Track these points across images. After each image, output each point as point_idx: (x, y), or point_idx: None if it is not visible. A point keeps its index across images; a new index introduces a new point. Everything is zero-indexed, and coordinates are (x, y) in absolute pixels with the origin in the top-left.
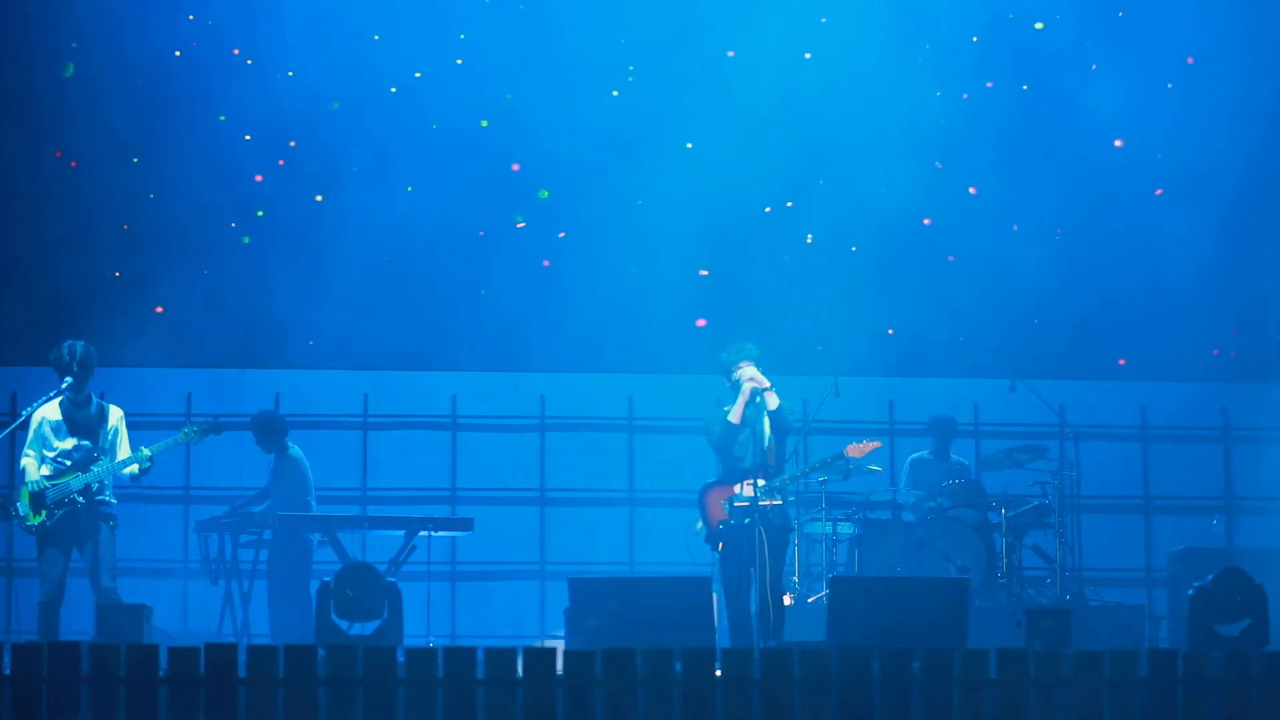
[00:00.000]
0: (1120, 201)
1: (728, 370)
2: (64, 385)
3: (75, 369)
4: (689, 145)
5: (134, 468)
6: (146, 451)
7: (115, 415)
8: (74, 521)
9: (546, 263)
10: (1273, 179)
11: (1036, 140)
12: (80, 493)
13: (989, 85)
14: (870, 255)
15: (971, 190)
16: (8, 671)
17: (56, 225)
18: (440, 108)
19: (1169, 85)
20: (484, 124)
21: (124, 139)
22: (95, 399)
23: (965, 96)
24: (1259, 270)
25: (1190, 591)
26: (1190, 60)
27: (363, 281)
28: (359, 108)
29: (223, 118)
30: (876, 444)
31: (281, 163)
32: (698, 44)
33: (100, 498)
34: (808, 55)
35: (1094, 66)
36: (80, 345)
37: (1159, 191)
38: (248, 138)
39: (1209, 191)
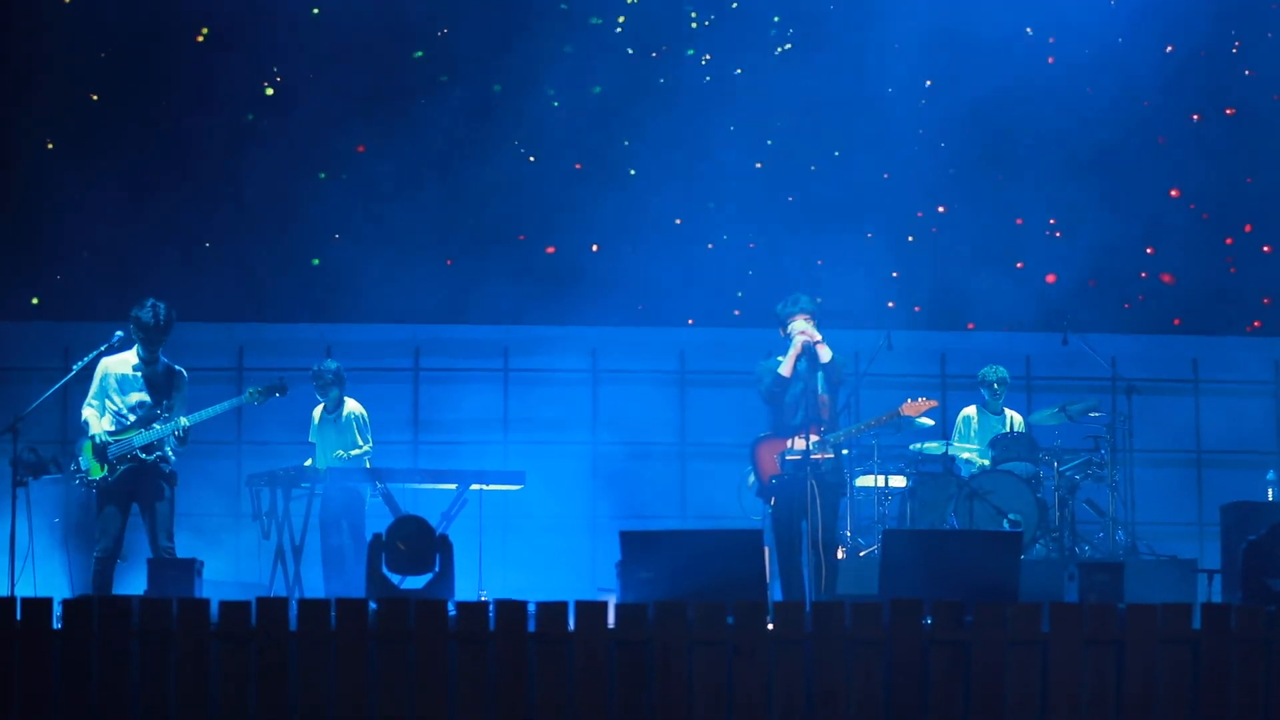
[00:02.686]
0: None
1: (782, 322)
2: (119, 339)
3: (157, 329)
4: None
5: (176, 433)
6: (185, 420)
7: (181, 377)
8: (135, 478)
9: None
10: None
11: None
12: (143, 449)
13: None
14: (925, 209)
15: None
16: (58, 626)
17: (108, 182)
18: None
19: None
20: None
21: (186, 91)
22: (163, 359)
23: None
24: None
25: (1243, 545)
26: None
27: (409, 233)
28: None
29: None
30: (933, 403)
31: None
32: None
33: (161, 454)
34: None
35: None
36: (164, 306)
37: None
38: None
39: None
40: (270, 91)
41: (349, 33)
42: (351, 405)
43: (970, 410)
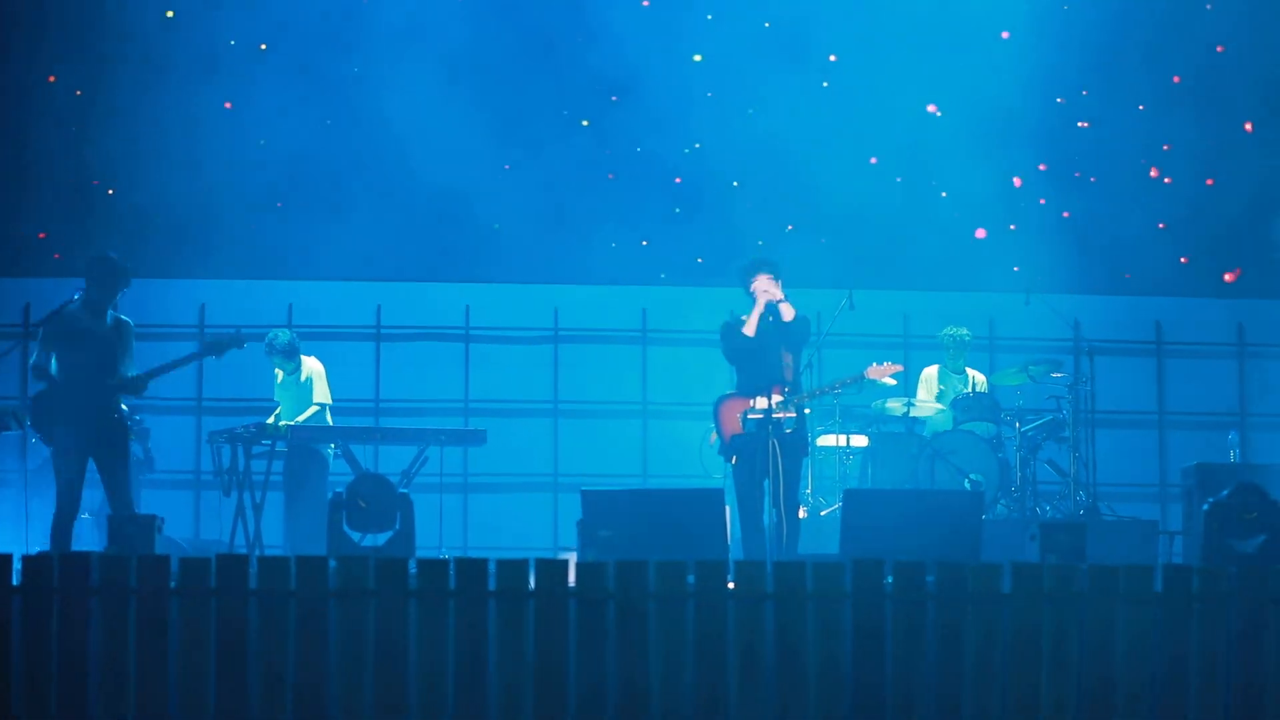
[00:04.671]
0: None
1: (744, 281)
2: (80, 294)
3: (112, 281)
4: (697, 58)
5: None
6: (136, 374)
7: (128, 327)
8: (94, 434)
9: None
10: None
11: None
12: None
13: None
14: (888, 168)
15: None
16: (17, 583)
17: (63, 137)
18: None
19: None
20: None
21: (143, 54)
22: (111, 312)
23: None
24: (1272, 185)
25: (1205, 507)
26: None
27: (377, 192)
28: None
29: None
30: (898, 367)
31: None
32: None
33: (118, 411)
34: None
35: None
36: (118, 258)
37: (1176, 79)
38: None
39: (1224, 106)
40: None
41: None
42: (310, 364)
43: (931, 370)
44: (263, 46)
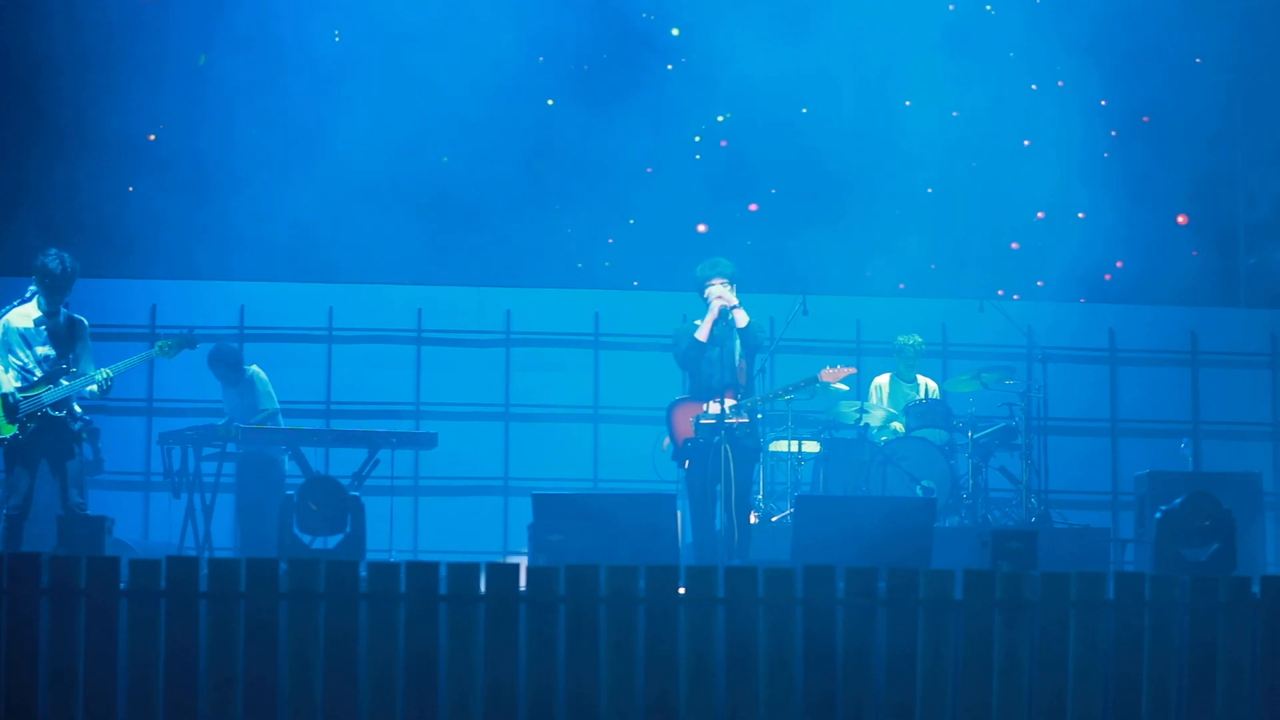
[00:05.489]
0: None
1: (699, 286)
2: (32, 293)
3: (62, 279)
4: (670, 68)
5: (94, 387)
6: (107, 371)
7: (83, 326)
8: (46, 437)
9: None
10: (1236, 104)
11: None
12: (53, 406)
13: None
14: (843, 174)
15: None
16: None
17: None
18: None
19: None
20: None
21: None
22: (64, 310)
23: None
24: (1225, 193)
25: (1158, 515)
26: None
27: (326, 193)
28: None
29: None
30: (851, 370)
31: None
32: None
33: (70, 410)
34: None
35: None
36: (68, 256)
37: (1114, 133)
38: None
39: (1173, 117)
40: None
41: None
42: (254, 371)
43: (883, 378)
44: (202, 60)
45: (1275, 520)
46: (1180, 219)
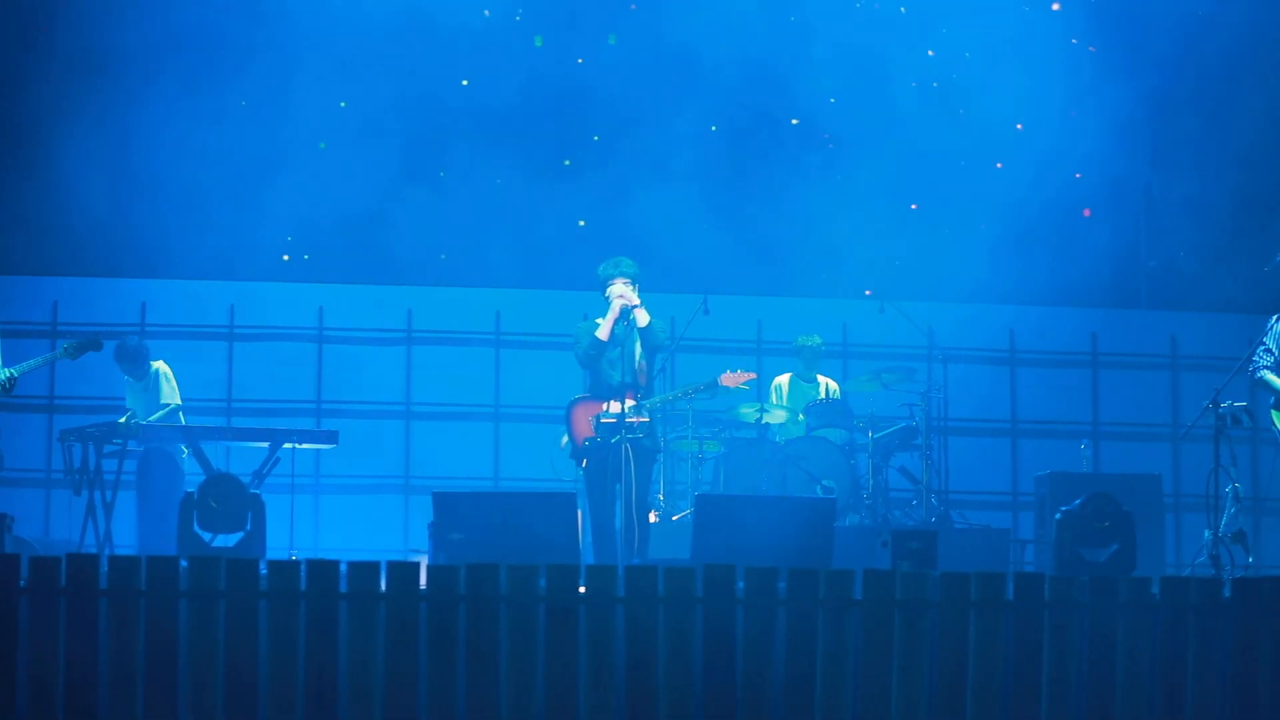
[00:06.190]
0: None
1: (600, 286)
2: None
3: None
4: (580, 60)
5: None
6: (10, 372)
7: None
8: None
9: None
10: (1144, 100)
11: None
12: None
13: None
14: (746, 173)
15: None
16: None
17: None
18: None
19: None
20: None
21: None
22: None
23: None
24: (1129, 195)
25: (1057, 516)
26: None
27: (230, 192)
28: None
29: None
30: (751, 375)
31: None
32: None
33: None
34: None
35: None
36: None
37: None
38: None
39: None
40: None
41: None
42: (158, 366)
43: (783, 378)
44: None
45: (1175, 521)
46: (1085, 211)
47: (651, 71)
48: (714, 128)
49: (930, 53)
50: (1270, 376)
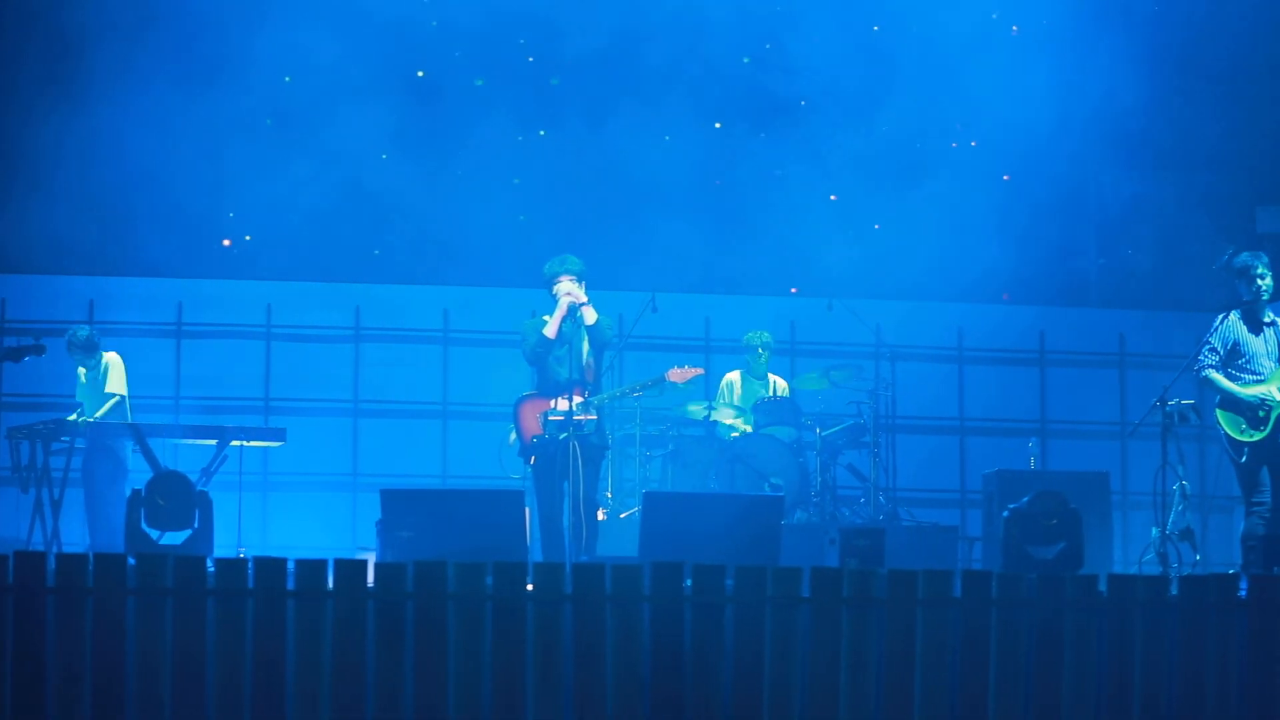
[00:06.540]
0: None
1: (547, 283)
2: None
3: None
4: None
5: None
6: None
7: None
8: None
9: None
10: (1092, 104)
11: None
12: None
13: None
14: (692, 171)
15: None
16: None
17: None
18: None
19: None
20: None
21: None
22: None
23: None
24: (1079, 195)
25: (1005, 513)
26: None
27: (183, 191)
28: None
29: None
30: (698, 370)
31: None
32: None
33: None
34: None
35: None
36: None
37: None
38: None
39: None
40: None
41: None
42: (108, 357)
43: (733, 375)
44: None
45: (1122, 519)
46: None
47: (601, 69)
48: (667, 138)
49: (875, 27)
50: (1215, 375)
